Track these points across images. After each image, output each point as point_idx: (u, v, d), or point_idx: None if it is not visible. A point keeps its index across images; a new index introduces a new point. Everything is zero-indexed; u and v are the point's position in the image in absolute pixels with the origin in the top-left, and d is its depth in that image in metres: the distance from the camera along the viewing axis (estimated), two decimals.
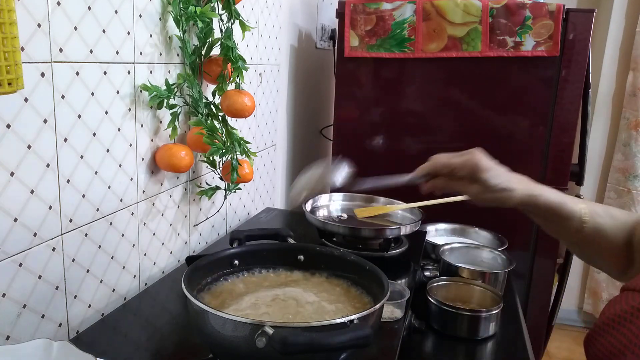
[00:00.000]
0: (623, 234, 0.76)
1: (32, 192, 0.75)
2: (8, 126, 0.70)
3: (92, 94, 0.85)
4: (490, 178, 0.73)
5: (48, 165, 0.77)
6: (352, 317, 0.64)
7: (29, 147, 0.73)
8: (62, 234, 0.82)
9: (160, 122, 1.04)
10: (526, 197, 0.75)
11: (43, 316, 0.80)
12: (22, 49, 0.70)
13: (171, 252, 1.15)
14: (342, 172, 0.81)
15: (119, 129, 0.92)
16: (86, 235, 0.87)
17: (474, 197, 0.75)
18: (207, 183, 1.24)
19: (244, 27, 1.09)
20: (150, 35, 0.97)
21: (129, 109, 0.94)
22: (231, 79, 1.11)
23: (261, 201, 1.63)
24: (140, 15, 0.94)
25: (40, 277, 0.78)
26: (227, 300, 0.80)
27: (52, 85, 0.76)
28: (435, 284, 1.13)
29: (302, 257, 0.90)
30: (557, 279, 1.99)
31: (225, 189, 1.24)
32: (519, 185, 0.75)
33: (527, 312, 1.78)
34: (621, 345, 0.69)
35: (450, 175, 0.76)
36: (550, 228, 0.80)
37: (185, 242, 1.21)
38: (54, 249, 0.80)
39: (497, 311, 1.04)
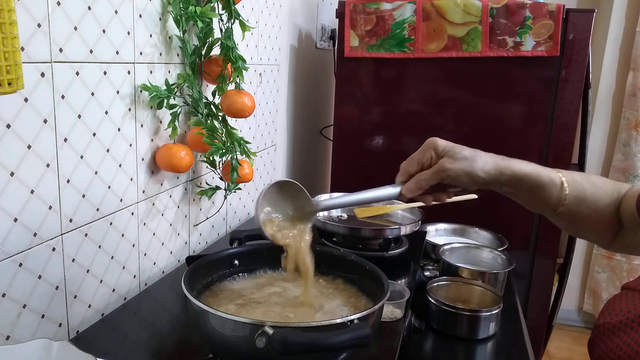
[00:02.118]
0: (607, 201, 0.75)
1: (32, 192, 0.75)
2: (8, 126, 0.70)
3: (92, 94, 0.85)
4: (453, 147, 0.71)
5: (48, 165, 0.77)
6: (352, 317, 0.64)
7: (29, 147, 0.73)
8: (62, 234, 0.82)
9: (160, 122, 1.04)
10: (498, 166, 0.72)
11: (43, 316, 0.80)
12: (22, 49, 0.70)
13: (171, 252, 1.15)
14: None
15: (119, 129, 0.92)
16: (86, 235, 0.87)
17: (446, 171, 0.70)
18: (207, 183, 1.24)
19: (244, 27, 1.09)
20: (150, 35, 0.97)
21: (129, 109, 0.94)
22: (231, 79, 1.11)
23: None
24: (140, 15, 0.94)
25: (40, 277, 0.78)
26: (227, 300, 0.80)
27: (52, 85, 0.76)
28: (435, 284, 1.13)
29: None
30: (557, 279, 1.99)
31: (225, 189, 1.24)
32: (485, 155, 0.72)
33: (527, 312, 1.78)
34: (631, 351, 0.69)
35: (421, 169, 0.73)
36: (531, 202, 0.76)
37: (185, 242, 1.21)
38: (54, 249, 0.80)
39: (497, 311, 1.04)
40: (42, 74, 0.74)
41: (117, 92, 0.90)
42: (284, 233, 0.75)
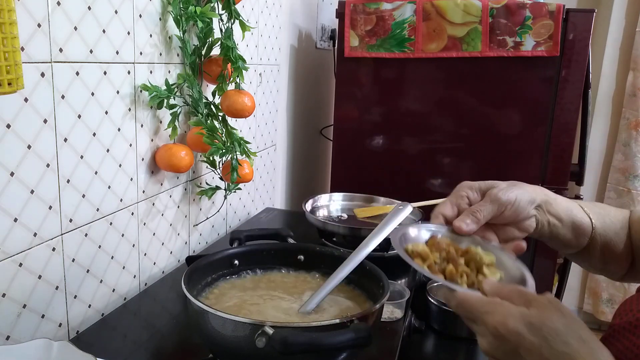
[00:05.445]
0: (622, 235, 0.74)
1: (32, 192, 0.75)
2: (8, 126, 0.70)
3: (92, 94, 0.85)
4: (492, 182, 0.69)
5: (48, 165, 0.77)
6: (352, 317, 0.64)
7: (29, 147, 0.73)
8: (62, 234, 0.82)
9: (160, 122, 1.04)
10: (542, 192, 0.71)
11: (43, 316, 0.80)
12: (22, 49, 0.70)
13: (171, 252, 1.15)
14: None
15: (119, 129, 0.92)
16: (86, 235, 0.87)
17: (501, 200, 0.67)
18: (207, 183, 1.24)
19: (244, 27, 1.09)
20: (150, 35, 0.97)
21: (129, 109, 0.94)
22: (231, 79, 1.11)
23: (261, 201, 1.63)
24: (140, 15, 0.94)
25: (40, 277, 0.78)
26: (227, 300, 0.80)
27: (52, 85, 0.76)
28: (435, 284, 1.13)
29: (302, 257, 0.90)
30: (557, 279, 1.99)
31: (225, 189, 1.24)
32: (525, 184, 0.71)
33: None
34: (634, 356, 0.68)
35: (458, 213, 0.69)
36: (567, 237, 0.75)
37: (185, 242, 1.21)
38: (54, 249, 0.80)
39: None
40: (42, 74, 0.74)
41: (117, 92, 0.90)
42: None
